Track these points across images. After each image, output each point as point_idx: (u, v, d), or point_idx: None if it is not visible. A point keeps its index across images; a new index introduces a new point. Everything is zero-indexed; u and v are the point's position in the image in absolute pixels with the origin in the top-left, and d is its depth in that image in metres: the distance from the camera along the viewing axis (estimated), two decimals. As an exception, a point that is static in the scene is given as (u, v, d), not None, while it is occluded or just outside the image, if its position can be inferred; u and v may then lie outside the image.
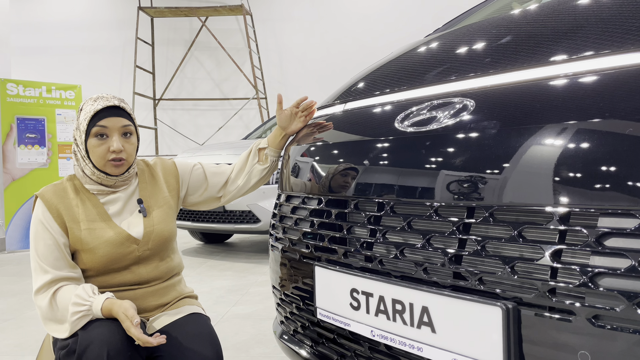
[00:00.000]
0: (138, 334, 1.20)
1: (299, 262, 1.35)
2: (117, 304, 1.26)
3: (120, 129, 1.39)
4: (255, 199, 4.52)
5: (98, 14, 10.81)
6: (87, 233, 1.36)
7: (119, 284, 1.41)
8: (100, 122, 1.37)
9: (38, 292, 1.33)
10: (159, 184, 1.53)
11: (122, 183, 1.45)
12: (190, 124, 10.99)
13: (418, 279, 1.01)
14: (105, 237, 1.37)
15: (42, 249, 1.33)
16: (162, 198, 1.51)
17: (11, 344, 2.58)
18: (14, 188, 5.72)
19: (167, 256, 1.50)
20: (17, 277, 4.31)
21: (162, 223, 1.46)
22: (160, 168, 1.57)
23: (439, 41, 1.42)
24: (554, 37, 1.03)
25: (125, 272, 1.41)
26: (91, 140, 1.38)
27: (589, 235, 0.76)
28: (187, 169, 1.61)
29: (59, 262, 1.33)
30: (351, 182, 1.20)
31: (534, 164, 0.84)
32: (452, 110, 1.03)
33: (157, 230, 1.44)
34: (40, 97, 5.94)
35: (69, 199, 1.39)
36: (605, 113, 0.79)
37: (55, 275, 1.32)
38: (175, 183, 1.57)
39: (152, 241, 1.43)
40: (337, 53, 10.17)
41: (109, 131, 1.38)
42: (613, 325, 0.72)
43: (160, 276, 1.47)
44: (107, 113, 1.38)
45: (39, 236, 1.34)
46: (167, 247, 1.48)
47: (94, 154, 1.38)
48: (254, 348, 2.44)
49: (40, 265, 1.33)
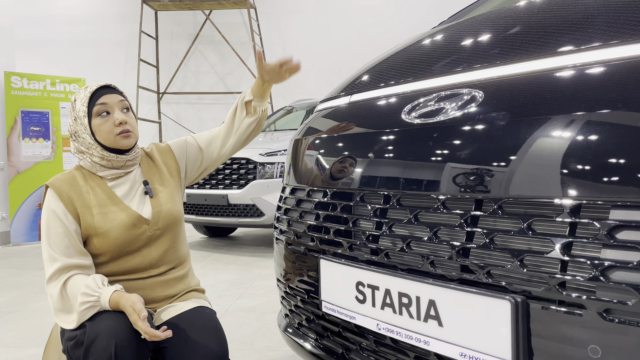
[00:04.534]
0: (145, 327, 1.20)
1: (303, 255, 1.34)
2: (125, 297, 1.26)
3: (118, 104, 1.43)
4: (259, 193, 4.52)
5: (102, 7, 10.79)
6: (100, 217, 1.38)
7: (131, 269, 1.42)
8: (99, 100, 1.41)
9: (50, 281, 1.34)
10: (159, 167, 1.55)
11: (132, 163, 1.48)
12: (194, 117, 10.98)
13: (425, 272, 1.00)
14: (117, 220, 1.39)
15: (54, 238, 1.34)
16: (165, 179, 1.53)
17: (16, 336, 2.59)
18: (18, 181, 5.73)
19: (176, 241, 1.51)
20: (21, 269, 4.33)
21: (170, 202, 1.48)
22: (156, 152, 1.59)
23: (446, 32, 1.40)
24: (562, 28, 1.01)
25: (137, 255, 1.42)
26: (95, 121, 1.41)
27: (599, 228, 0.75)
28: (181, 146, 1.62)
29: (70, 250, 1.34)
30: (357, 174, 1.19)
31: (543, 155, 0.83)
32: (460, 102, 1.02)
33: (165, 210, 1.46)
34: (44, 90, 5.95)
35: (79, 186, 1.41)
36: (615, 104, 0.78)
37: (65, 262, 1.33)
38: (174, 163, 1.59)
39: (161, 220, 1.45)
40: (341, 46, 10.13)
41: (109, 107, 1.42)
42: (624, 319, 0.71)
43: (170, 261, 1.48)
44: (102, 92, 1.43)
45: (50, 225, 1.35)
46: (177, 228, 1.50)
47: (101, 133, 1.41)
48: (258, 341, 2.44)
49: (51, 254, 1.34)
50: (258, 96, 1.61)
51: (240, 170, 4.67)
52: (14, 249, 5.48)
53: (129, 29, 10.71)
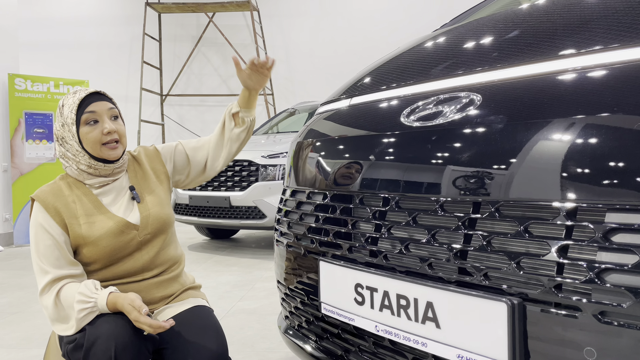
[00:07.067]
0: (149, 321, 1.21)
1: (303, 257, 1.35)
2: (122, 296, 1.26)
3: (107, 112, 1.41)
4: (261, 195, 4.53)
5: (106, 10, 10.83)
6: (87, 227, 1.36)
7: (124, 273, 1.42)
8: (87, 108, 1.39)
9: (42, 293, 1.34)
10: (146, 172, 1.54)
11: (119, 170, 1.46)
12: (197, 119, 11.00)
13: (423, 274, 1.00)
14: (105, 228, 1.37)
15: (43, 250, 1.34)
16: (152, 183, 1.52)
17: (18, 337, 2.60)
18: (22, 182, 5.76)
19: (168, 243, 1.50)
20: (24, 270, 4.34)
21: (157, 207, 1.47)
22: (144, 156, 1.58)
23: (446, 36, 1.41)
24: (561, 31, 1.02)
25: (129, 260, 1.42)
26: (83, 129, 1.39)
27: (596, 230, 0.75)
28: (169, 151, 1.62)
29: (60, 261, 1.34)
30: (356, 176, 1.19)
31: (541, 159, 0.83)
32: (459, 105, 1.03)
33: (153, 214, 1.45)
34: (48, 92, 5.98)
35: (65, 196, 1.39)
36: (613, 108, 0.78)
37: (56, 274, 1.32)
38: (161, 167, 1.58)
39: (150, 225, 1.44)
40: (344, 49, 10.14)
41: (98, 115, 1.39)
42: (620, 321, 0.72)
43: (163, 262, 1.48)
44: (91, 99, 1.40)
45: (38, 238, 1.35)
46: (167, 231, 1.49)
47: (88, 142, 1.38)
48: (259, 343, 2.44)
49: (41, 266, 1.33)
50: (244, 107, 1.61)
51: (242, 172, 4.68)
52: (17, 250, 5.50)
53: (133, 32, 10.74)
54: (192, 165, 1.63)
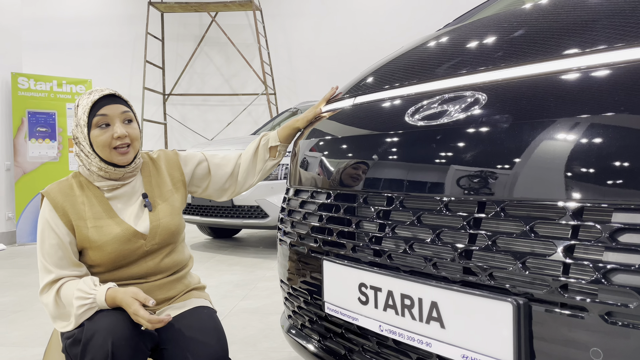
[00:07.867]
0: (147, 316, 1.21)
1: (307, 257, 1.35)
2: (122, 291, 1.26)
3: (120, 115, 1.38)
4: (264, 194, 4.53)
5: (109, 9, 10.85)
6: (95, 231, 1.36)
7: (128, 277, 1.41)
8: (99, 111, 1.36)
9: (43, 291, 1.34)
10: (163, 177, 1.52)
11: (130, 175, 1.44)
12: (199, 119, 11.02)
13: (427, 274, 1.00)
14: (112, 234, 1.36)
15: (47, 249, 1.33)
16: (167, 191, 1.50)
17: (21, 335, 2.60)
18: (24, 181, 5.77)
19: (175, 249, 1.49)
20: (27, 269, 4.35)
21: (168, 217, 1.45)
22: (163, 161, 1.56)
23: (450, 35, 1.41)
24: (565, 31, 1.01)
25: (134, 266, 1.41)
26: (94, 132, 1.37)
27: (602, 230, 0.75)
28: (191, 161, 1.60)
29: (63, 262, 1.34)
30: (360, 176, 1.19)
31: (546, 158, 0.83)
32: (464, 104, 1.02)
33: (163, 224, 1.43)
34: (51, 91, 5.98)
35: (75, 196, 1.38)
36: (619, 107, 0.78)
37: (58, 274, 1.33)
38: (179, 175, 1.56)
39: (159, 235, 1.42)
40: (346, 49, 10.14)
41: (109, 119, 1.37)
42: (626, 322, 0.71)
43: (169, 268, 1.47)
44: (105, 102, 1.38)
45: (44, 235, 1.35)
46: (175, 240, 1.48)
47: (98, 145, 1.36)
48: (261, 342, 2.44)
49: (45, 265, 1.33)
50: (285, 142, 1.63)
51: (244, 171, 4.68)
52: (20, 248, 5.51)
53: (135, 31, 10.76)
54: (212, 181, 1.63)
